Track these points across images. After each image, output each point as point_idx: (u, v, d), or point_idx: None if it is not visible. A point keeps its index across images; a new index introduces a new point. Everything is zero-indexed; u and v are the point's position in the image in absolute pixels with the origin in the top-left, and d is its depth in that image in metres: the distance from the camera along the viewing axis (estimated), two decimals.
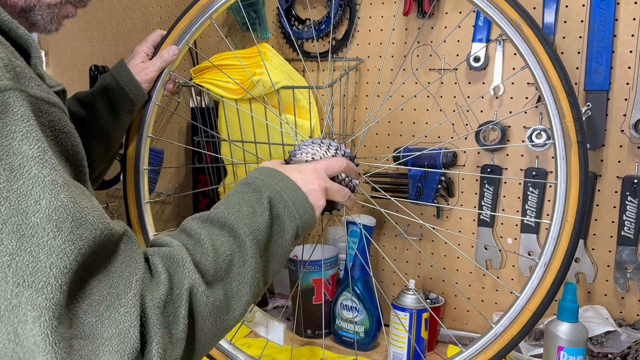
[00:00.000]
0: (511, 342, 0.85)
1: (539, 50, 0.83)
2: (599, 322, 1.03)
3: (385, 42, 1.23)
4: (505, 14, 0.84)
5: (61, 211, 0.45)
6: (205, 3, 1.03)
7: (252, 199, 0.69)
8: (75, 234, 0.45)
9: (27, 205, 0.44)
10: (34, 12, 0.67)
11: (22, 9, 0.66)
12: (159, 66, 1.03)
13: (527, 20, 0.83)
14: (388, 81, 1.24)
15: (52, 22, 0.70)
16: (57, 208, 0.45)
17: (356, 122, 1.29)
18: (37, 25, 0.69)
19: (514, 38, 0.84)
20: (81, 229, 0.46)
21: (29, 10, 0.66)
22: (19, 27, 0.54)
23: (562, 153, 0.83)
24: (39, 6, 0.67)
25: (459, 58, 1.17)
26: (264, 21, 1.32)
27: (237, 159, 1.23)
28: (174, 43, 1.05)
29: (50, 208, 0.45)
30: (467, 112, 1.17)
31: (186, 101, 1.45)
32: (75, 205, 0.46)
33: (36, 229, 0.44)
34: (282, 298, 1.41)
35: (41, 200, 0.44)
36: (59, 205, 0.45)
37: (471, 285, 1.22)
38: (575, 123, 0.82)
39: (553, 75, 0.82)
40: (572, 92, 0.82)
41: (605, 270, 1.10)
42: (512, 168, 1.15)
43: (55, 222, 0.44)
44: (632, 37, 1.03)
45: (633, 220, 1.05)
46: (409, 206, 1.20)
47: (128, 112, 1.02)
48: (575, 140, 0.82)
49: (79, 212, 0.46)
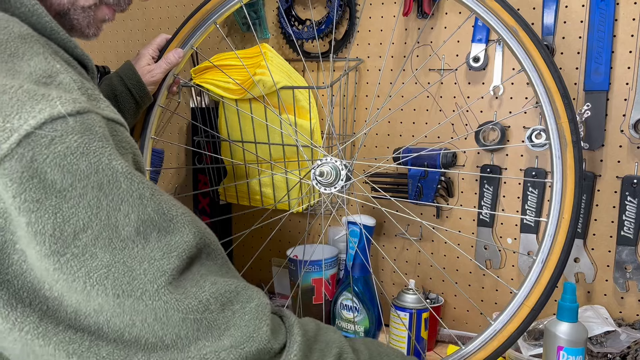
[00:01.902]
0: (510, 338, 0.86)
1: (534, 54, 0.85)
2: (598, 322, 1.03)
3: (385, 42, 1.23)
4: (501, 19, 0.86)
5: (148, 224, 0.47)
6: (210, 8, 1.04)
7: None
8: (163, 241, 0.47)
9: (117, 220, 0.45)
10: (69, 15, 0.65)
11: (57, 12, 0.64)
12: (164, 68, 1.04)
13: (522, 25, 0.86)
14: (388, 81, 1.24)
15: (89, 26, 0.68)
16: (144, 221, 0.47)
17: (356, 122, 1.29)
18: (74, 30, 0.67)
19: (511, 42, 0.86)
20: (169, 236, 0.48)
21: (63, 15, 0.64)
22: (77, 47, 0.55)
23: (558, 153, 0.85)
24: (73, 9, 0.65)
25: (458, 58, 1.17)
26: (264, 21, 1.33)
27: (237, 159, 1.23)
28: (179, 46, 1.07)
29: (138, 222, 0.46)
30: (467, 112, 1.17)
31: (186, 101, 1.45)
32: (161, 217, 0.48)
33: (127, 242, 0.45)
34: (282, 298, 1.41)
35: (130, 214, 0.46)
36: (146, 218, 0.47)
37: (471, 285, 1.23)
38: (570, 123, 0.84)
39: (548, 77, 0.85)
40: (566, 93, 0.84)
41: (604, 270, 1.10)
42: (511, 168, 1.16)
43: (142, 235, 0.46)
44: (631, 37, 1.03)
45: (632, 220, 1.05)
46: (409, 206, 1.20)
47: (133, 115, 1.02)
48: (570, 140, 0.84)
49: (165, 223, 0.48)
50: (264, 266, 1.44)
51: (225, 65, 1.13)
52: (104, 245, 0.44)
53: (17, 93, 0.43)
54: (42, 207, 0.42)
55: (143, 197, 0.47)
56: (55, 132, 0.43)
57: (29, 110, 0.42)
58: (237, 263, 1.44)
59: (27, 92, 0.43)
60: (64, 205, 0.43)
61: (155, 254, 0.46)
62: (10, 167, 0.41)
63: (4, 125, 0.42)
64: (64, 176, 0.43)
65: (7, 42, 0.47)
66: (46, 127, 0.43)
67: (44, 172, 0.42)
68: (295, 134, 1.10)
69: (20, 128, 0.42)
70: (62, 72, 0.48)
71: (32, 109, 0.43)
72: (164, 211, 0.48)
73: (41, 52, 0.49)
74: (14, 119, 0.42)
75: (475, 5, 0.88)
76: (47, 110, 0.43)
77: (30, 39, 0.49)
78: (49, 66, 0.47)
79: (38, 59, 0.47)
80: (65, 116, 0.44)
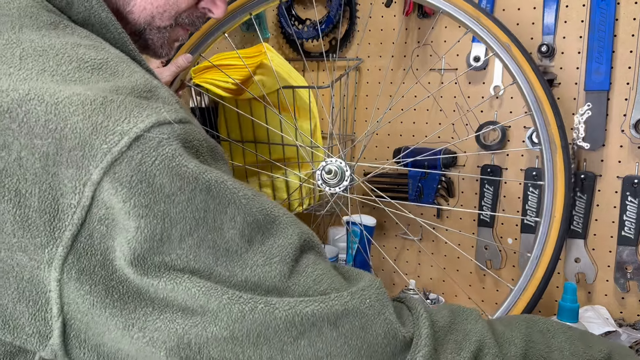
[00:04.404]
0: None
1: (525, 68, 0.93)
2: (599, 323, 1.03)
3: (385, 42, 1.23)
4: (495, 36, 0.95)
5: (253, 226, 0.46)
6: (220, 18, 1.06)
7: None
8: (267, 244, 0.46)
9: (223, 222, 0.44)
10: (144, 35, 0.65)
11: (133, 32, 0.63)
12: (173, 71, 1.06)
13: (514, 41, 0.94)
14: (388, 81, 1.24)
15: (162, 46, 0.67)
16: (250, 224, 0.45)
17: (356, 122, 1.29)
18: (148, 49, 0.67)
19: (504, 57, 0.95)
20: (272, 238, 0.46)
21: (139, 34, 0.64)
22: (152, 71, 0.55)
23: (549, 156, 0.93)
24: (149, 29, 0.64)
25: (459, 58, 1.17)
26: (263, 21, 1.32)
27: (237, 159, 1.23)
28: (188, 53, 1.10)
29: (244, 224, 0.45)
30: (467, 112, 1.17)
31: (186, 101, 1.45)
32: (265, 217, 0.47)
33: (230, 244, 0.44)
34: None
35: (237, 216, 0.45)
36: (251, 220, 0.46)
37: (472, 285, 1.22)
38: (558, 130, 0.92)
39: (538, 89, 0.93)
40: (554, 103, 0.93)
41: (605, 270, 1.10)
42: (512, 168, 1.15)
43: (247, 238, 0.45)
44: (632, 37, 1.03)
45: (633, 221, 1.05)
46: (409, 206, 1.20)
47: None
48: (559, 144, 0.92)
49: (269, 224, 0.47)
50: None
51: (225, 65, 1.13)
52: (208, 248, 0.44)
53: (125, 102, 0.44)
54: (151, 213, 0.42)
55: (247, 197, 0.46)
56: (162, 134, 0.43)
57: (137, 115, 0.43)
58: None
59: (132, 102, 0.44)
60: (172, 210, 0.42)
61: (258, 259, 0.45)
62: (121, 171, 0.41)
63: (114, 128, 0.42)
64: (172, 179, 0.43)
65: (107, 62, 0.48)
66: (154, 130, 0.43)
67: (152, 176, 0.42)
68: (295, 134, 1.10)
69: (130, 131, 0.42)
70: (161, 87, 0.49)
71: (139, 114, 0.43)
72: (267, 211, 0.47)
73: (138, 70, 0.49)
74: (124, 122, 0.42)
75: (471, 23, 0.95)
76: (154, 115, 0.43)
77: (126, 59, 0.50)
78: (148, 82, 0.48)
79: (138, 75, 0.48)
80: (172, 122, 0.44)
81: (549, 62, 1.10)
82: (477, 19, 0.94)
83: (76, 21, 0.53)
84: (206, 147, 0.48)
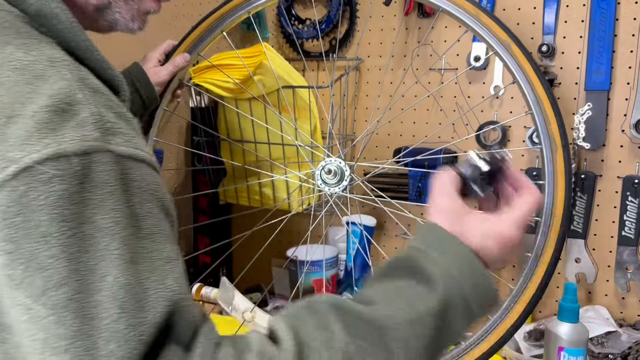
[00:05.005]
0: (507, 333, 0.88)
1: (525, 66, 0.92)
2: (599, 323, 1.03)
3: (385, 41, 1.23)
4: (495, 34, 0.94)
5: (126, 290, 0.42)
6: (218, 17, 1.05)
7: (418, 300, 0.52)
8: (138, 317, 0.42)
9: (93, 281, 0.41)
10: (110, 9, 0.61)
11: (96, 7, 0.60)
12: (171, 70, 1.05)
13: (514, 40, 0.93)
14: (388, 81, 1.24)
15: (133, 19, 0.64)
16: (122, 286, 0.42)
17: (356, 121, 1.29)
18: (118, 25, 0.63)
19: (504, 56, 0.93)
20: (144, 312, 0.42)
21: (104, 9, 0.61)
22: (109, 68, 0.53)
23: (549, 155, 0.92)
24: (114, 2, 0.61)
25: (459, 58, 1.17)
26: (263, 20, 1.32)
27: (237, 159, 1.22)
28: (186, 52, 1.08)
29: (115, 286, 0.41)
30: (468, 112, 1.17)
31: (186, 101, 1.45)
32: (140, 285, 0.42)
33: (99, 309, 0.41)
34: (282, 298, 1.41)
35: (107, 276, 0.41)
36: (125, 283, 0.42)
37: None
38: (559, 129, 0.91)
39: (539, 87, 0.92)
40: (555, 102, 0.91)
41: (605, 270, 1.10)
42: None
43: (119, 302, 0.41)
44: (632, 37, 1.03)
45: (634, 220, 1.05)
46: (409, 206, 1.20)
47: (138, 117, 1.02)
48: (560, 144, 0.91)
49: (144, 293, 0.42)
50: (263, 267, 1.43)
51: (225, 64, 1.13)
52: (75, 310, 0.40)
53: (27, 123, 0.41)
54: (19, 250, 0.40)
55: (123, 258, 0.42)
56: (58, 170, 0.40)
57: (34, 143, 0.41)
58: (236, 264, 1.44)
59: (38, 121, 0.41)
60: (42, 254, 0.40)
61: (128, 332, 0.41)
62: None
63: (4, 154, 0.40)
64: (52, 221, 0.40)
65: (34, 64, 0.45)
66: (48, 163, 0.40)
67: (32, 211, 0.40)
68: (295, 134, 1.10)
69: (21, 160, 0.40)
70: (82, 103, 0.45)
71: (38, 142, 0.41)
72: (141, 280, 0.43)
73: (68, 77, 0.46)
74: (17, 149, 0.40)
75: (471, 22, 0.94)
76: (52, 146, 0.41)
77: (60, 63, 0.47)
78: (71, 94, 0.45)
79: (63, 83, 0.45)
80: (71, 155, 0.41)
81: (550, 62, 1.10)
82: (477, 17, 0.94)
83: (29, 14, 0.50)
84: (109, 182, 0.43)
